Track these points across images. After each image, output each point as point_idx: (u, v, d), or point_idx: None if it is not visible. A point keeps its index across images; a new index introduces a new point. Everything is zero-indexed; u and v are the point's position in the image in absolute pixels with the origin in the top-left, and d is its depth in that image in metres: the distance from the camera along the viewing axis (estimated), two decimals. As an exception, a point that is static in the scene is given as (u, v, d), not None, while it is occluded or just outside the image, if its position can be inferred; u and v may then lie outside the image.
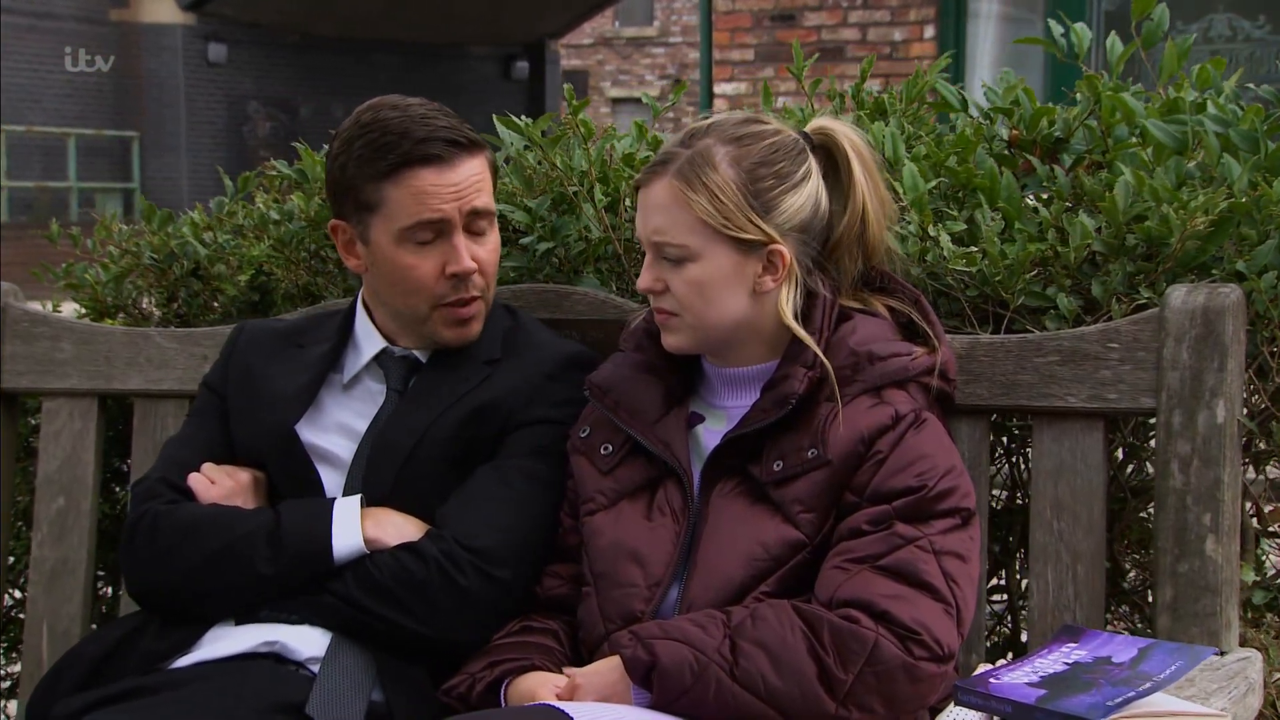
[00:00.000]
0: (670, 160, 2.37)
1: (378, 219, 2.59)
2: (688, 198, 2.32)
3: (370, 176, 2.57)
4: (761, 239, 2.33)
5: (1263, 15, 8.45)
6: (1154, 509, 2.46)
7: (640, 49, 36.97)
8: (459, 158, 2.57)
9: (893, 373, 2.35)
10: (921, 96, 3.08)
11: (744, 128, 2.39)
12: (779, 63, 9.49)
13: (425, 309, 2.62)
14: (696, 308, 2.36)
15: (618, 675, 2.21)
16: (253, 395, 2.70)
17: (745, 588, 2.27)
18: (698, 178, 2.32)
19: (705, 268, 2.34)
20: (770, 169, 2.35)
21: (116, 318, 3.54)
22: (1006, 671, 2.00)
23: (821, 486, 2.28)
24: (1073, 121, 2.87)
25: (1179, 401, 2.41)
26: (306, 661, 2.45)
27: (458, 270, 2.58)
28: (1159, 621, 2.41)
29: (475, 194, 2.59)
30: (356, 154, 2.58)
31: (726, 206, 2.31)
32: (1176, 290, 2.43)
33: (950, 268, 2.63)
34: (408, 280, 2.60)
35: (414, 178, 2.55)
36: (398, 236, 2.58)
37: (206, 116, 25.36)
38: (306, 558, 2.47)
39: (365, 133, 2.58)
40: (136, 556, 2.57)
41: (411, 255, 2.58)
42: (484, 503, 2.51)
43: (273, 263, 3.33)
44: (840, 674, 2.12)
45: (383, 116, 2.59)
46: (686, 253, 2.34)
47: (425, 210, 2.55)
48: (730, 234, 2.32)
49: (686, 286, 2.35)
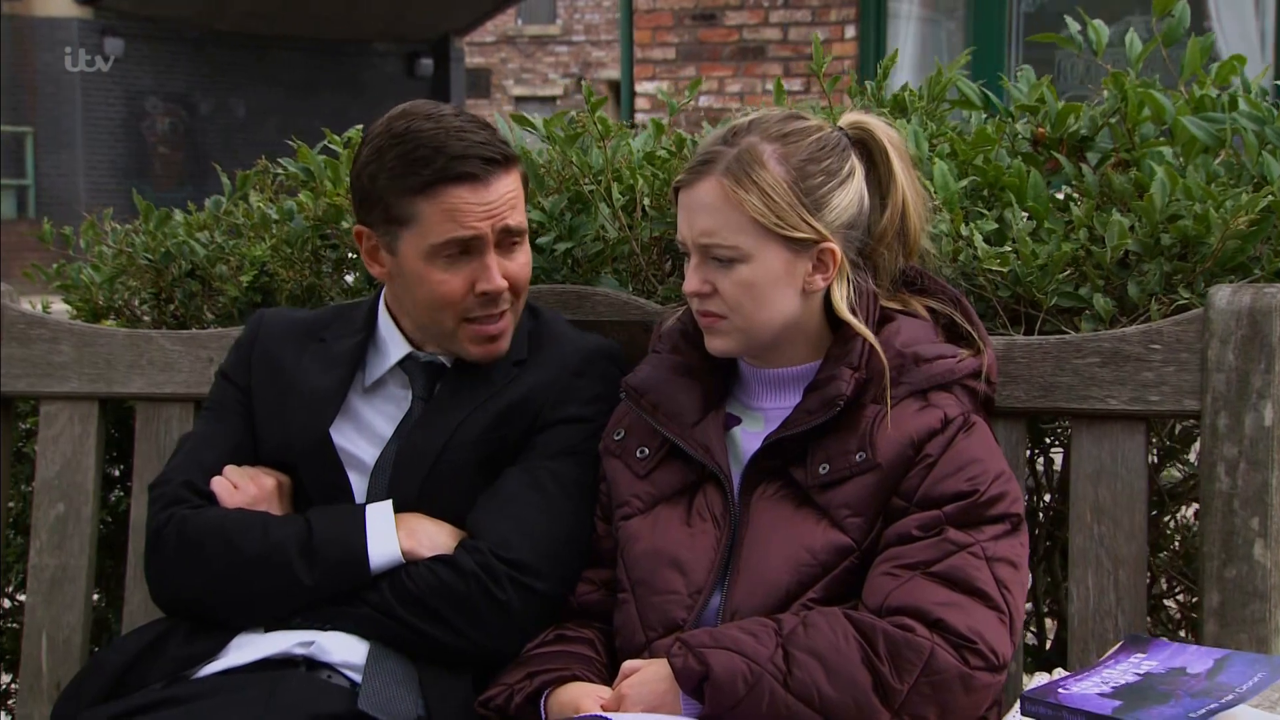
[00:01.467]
0: (715, 159, 2.29)
1: (408, 233, 2.51)
2: (739, 196, 2.25)
3: (402, 191, 2.48)
4: (813, 237, 2.27)
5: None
6: (1199, 513, 2.41)
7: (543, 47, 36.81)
8: (494, 175, 2.49)
9: (939, 375, 2.29)
10: (943, 94, 3.03)
11: (788, 124, 2.32)
12: (701, 61, 9.56)
13: (451, 325, 2.54)
14: (747, 309, 2.29)
15: (666, 685, 2.15)
16: (281, 390, 2.62)
17: (792, 594, 2.21)
18: (747, 176, 2.25)
19: (756, 269, 2.27)
20: (818, 166, 2.29)
21: (109, 319, 3.46)
22: (1074, 681, 1.95)
23: (870, 490, 2.22)
24: (1099, 119, 2.83)
25: (1225, 404, 2.37)
26: (340, 666, 2.39)
27: (488, 289, 2.51)
28: (1205, 627, 2.36)
29: (509, 211, 2.51)
30: (389, 165, 2.48)
31: (779, 205, 2.25)
32: (1221, 290, 2.39)
33: (983, 267, 2.59)
34: (435, 296, 2.52)
35: (448, 195, 2.46)
36: (428, 253, 2.50)
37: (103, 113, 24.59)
38: (342, 568, 2.41)
39: (398, 144, 2.48)
40: (164, 563, 2.49)
41: (441, 271, 2.50)
42: (516, 508, 2.45)
43: (276, 263, 3.26)
44: (895, 684, 2.07)
45: (416, 127, 2.49)
46: (738, 254, 2.26)
47: (458, 228, 2.47)
48: (783, 233, 2.25)
49: (737, 288, 2.28)
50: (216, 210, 3.53)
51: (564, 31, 36.66)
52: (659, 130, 3.08)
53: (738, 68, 9.54)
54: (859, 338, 2.28)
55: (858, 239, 2.35)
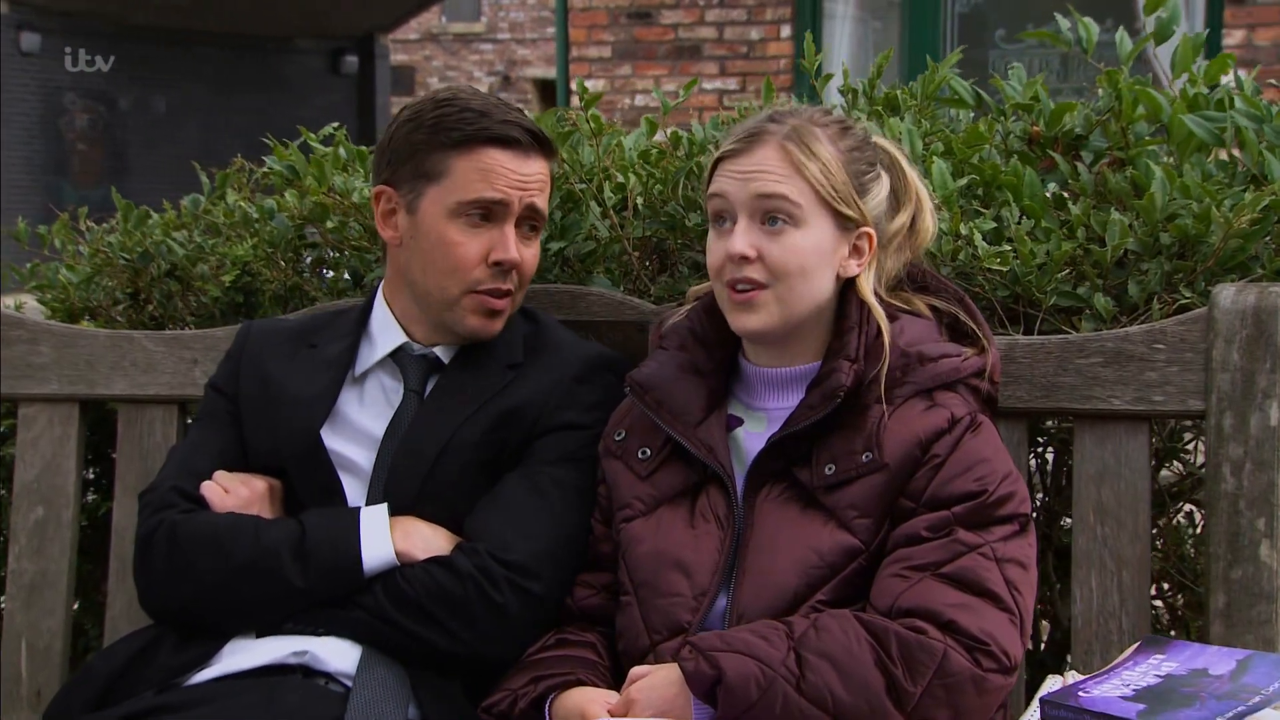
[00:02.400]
0: (769, 131, 2.29)
1: (435, 189, 2.49)
2: (802, 161, 2.25)
3: (440, 145, 2.48)
4: (858, 218, 2.29)
5: (1110, 18, 8.55)
6: (1204, 514, 2.40)
7: (468, 45, 36.22)
8: (533, 152, 2.51)
9: (944, 374, 2.27)
10: (935, 92, 3.01)
11: (829, 116, 2.36)
12: (637, 60, 9.55)
13: (457, 292, 2.51)
14: (791, 279, 2.26)
15: (676, 689, 2.11)
16: (270, 399, 2.58)
17: (800, 596, 2.18)
18: (808, 146, 2.27)
19: (808, 236, 2.26)
20: (862, 155, 2.33)
21: (85, 320, 3.40)
22: (1094, 684, 1.92)
23: (877, 491, 2.19)
24: (1094, 118, 2.81)
25: (1230, 404, 2.35)
26: (336, 674, 2.34)
27: (502, 258, 2.48)
28: (1211, 629, 2.35)
29: (538, 192, 2.52)
30: (428, 123, 2.50)
31: (836, 178, 2.27)
32: (1225, 290, 2.37)
33: (983, 266, 2.57)
34: (449, 258, 2.50)
35: (486, 155, 2.47)
36: (452, 210, 2.48)
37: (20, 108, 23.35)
38: (335, 571, 2.36)
39: (441, 107, 2.51)
40: (153, 569, 2.44)
41: (459, 232, 2.49)
42: (516, 512, 2.41)
43: (258, 263, 3.21)
44: (909, 686, 2.04)
45: (463, 97, 2.52)
46: (798, 213, 2.25)
47: (489, 189, 2.47)
48: (836, 207, 2.26)
49: (786, 253, 2.25)
50: (195, 209, 3.48)
51: (489, 30, 36.11)
52: (652, 128, 3.05)
53: (673, 66, 9.51)
54: (854, 330, 2.27)
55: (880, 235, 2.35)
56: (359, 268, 3.12)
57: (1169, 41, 2.93)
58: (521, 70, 35.60)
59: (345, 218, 3.11)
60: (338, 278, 3.23)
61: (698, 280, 2.89)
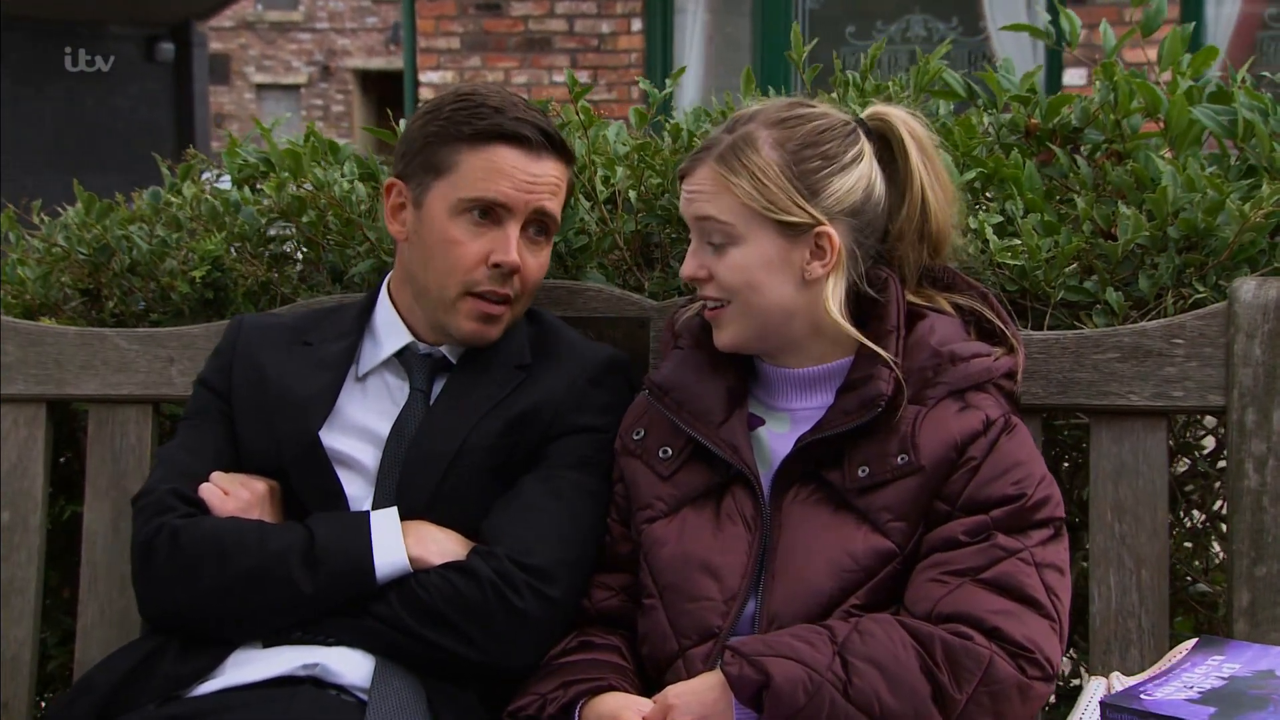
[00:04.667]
0: (713, 146, 2.27)
1: (441, 183, 2.44)
2: (728, 181, 2.22)
3: (451, 137, 2.43)
4: (807, 221, 2.22)
5: (955, 17, 8.61)
6: (1226, 510, 2.37)
7: (285, 34, 35.36)
8: (546, 153, 2.45)
9: (976, 374, 2.23)
10: (929, 85, 2.97)
11: (788, 111, 2.29)
12: (486, 52, 9.46)
13: (454, 293, 2.44)
14: (743, 294, 2.24)
15: (716, 694, 2.06)
16: (266, 398, 2.49)
17: (834, 600, 2.13)
18: (738, 160, 2.23)
19: (748, 252, 2.23)
20: (816, 150, 2.24)
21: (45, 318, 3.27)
22: (1154, 687, 1.89)
23: (912, 494, 2.15)
24: (1091, 110, 2.78)
25: (1252, 399, 2.33)
26: (349, 686, 2.26)
27: (502, 260, 2.42)
28: (1235, 627, 2.32)
29: (549, 196, 2.45)
30: (444, 115, 2.45)
31: (768, 189, 2.21)
32: (1245, 284, 2.35)
33: (995, 260, 2.53)
34: (449, 256, 2.43)
35: (495, 152, 2.41)
36: (455, 206, 2.42)
37: None
38: (346, 577, 2.28)
39: (461, 100, 2.46)
40: (155, 576, 2.34)
41: (461, 230, 2.43)
42: (535, 515, 2.34)
43: (230, 258, 3.10)
44: (955, 693, 2.00)
45: (483, 92, 2.47)
46: (730, 235, 2.23)
47: (493, 188, 2.41)
48: (773, 217, 2.21)
49: (730, 272, 2.24)
50: (157, 202, 3.36)
51: (306, 18, 35.26)
52: (641, 120, 2.98)
53: (523, 59, 9.43)
54: (893, 334, 2.21)
55: (873, 231, 2.29)
56: (338, 263, 3.03)
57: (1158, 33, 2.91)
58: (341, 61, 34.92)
59: (321, 213, 3.02)
60: (294, 278, 3.12)
61: (689, 275, 2.84)
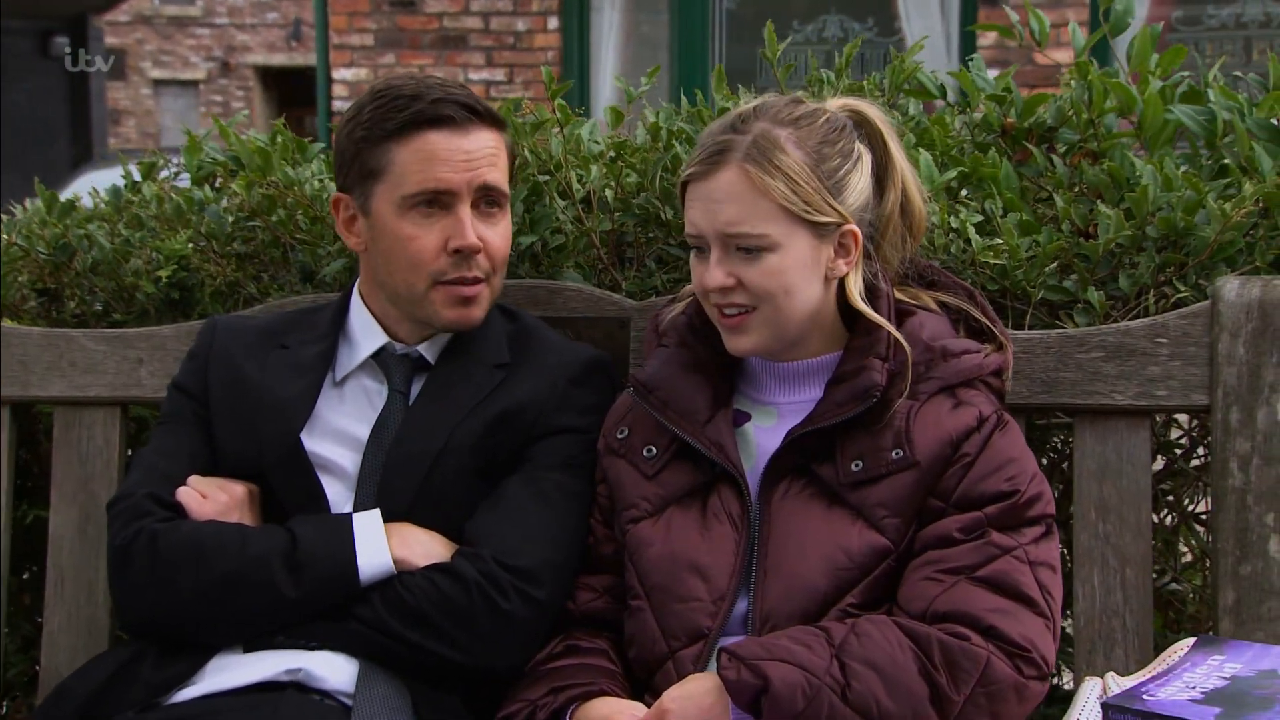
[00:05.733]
0: (729, 147, 2.18)
1: (381, 186, 2.39)
2: (765, 183, 2.15)
3: (378, 138, 2.38)
4: (837, 220, 2.19)
5: (871, 18, 8.66)
6: (1211, 508, 2.38)
7: (183, 29, 34.61)
8: (473, 125, 2.38)
9: (967, 370, 2.22)
10: (903, 84, 2.96)
11: (795, 109, 2.23)
12: (401, 49, 9.35)
13: (423, 287, 2.41)
14: (777, 300, 2.18)
15: (713, 699, 2.03)
16: (244, 400, 2.45)
17: (829, 599, 2.11)
18: (770, 162, 2.15)
19: (785, 257, 2.17)
20: (834, 148, 2.21)
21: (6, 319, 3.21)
22: (1156, 687, 1.88)
23: (908, 490, 2.13)
24: (1066, 110, 2.78)
25: (1236, 398, 2.33)
26: (332, 691, 2.22)
27: (461, 245, 2.38)
28: (1220, 625, 2.32)
29: (488, 167, 2.39)
30: (365, 119, 2.39)
31: (805, 190, 2.15)
32: (1229, 283, 2.36)
33: (977, 259, 2.53)
34: (407, 253, 2.39)
35: (423, 140, 2.36)
36: (400, 204, 2.38)
37: None
38: (330, 580, 2.24)
39: (378, 98, 2.40)
40: (134, 582, 2.29)
41: (413, 226, 2.38)
42: (520, 517, 2.31)
43: (198, 257, 3.05)
44: (953, 695, 1.98)
45: (396, 83, 2.41)
46: (767, 242, 2.16)
47: (431, 177, 2.36)
48: (810, 218, 2.16)
49: (766, 278, 2.17)
50: (118, 200, 3.31)
51: (205, 14, 34.56)
52: (617, 118, 2.96)
53: (439, 56, 9.31)
54: (883, 328, 2.20)
55: (869, 226, 2.26)
56: (309, 263, 2.99)
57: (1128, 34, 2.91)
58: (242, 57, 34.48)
59: (290, 212, 2.98)
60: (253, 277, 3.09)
61: (665, 275, 2.82)
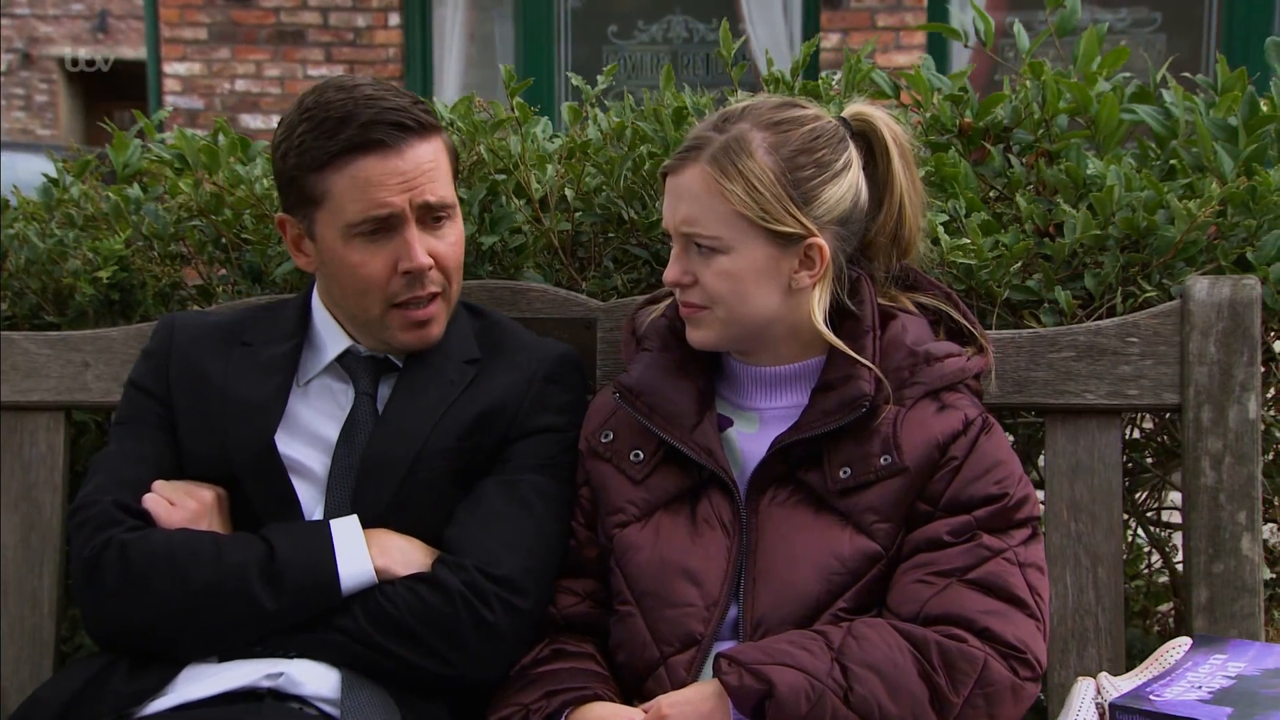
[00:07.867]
0: (703, 146, 2.17)
1: (323, 213, 2.32)
2: (722, 187, 2.14)
3: (312, 166, 2.30)
4: (800, 232, 2.16)
5: (715, 19, 8.73)
6: (1183, 507, 2.39)
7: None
8: (407, 143, 2.30)
9: (950, 374, 2.21)
10: (861, 84, 2.95)
11: (782, 112, 2.21)
12: (236, 44, 9.18)
13: (378, 310, 2.35)
14: (728, 302, 2.17)
15: (712, 704, 2.01)
16: (212, 401, 2.37)
17: (821, 604, 2.10)
18: (733, 165, 2.14)
19: (737, 260, 2.16)
20: (810, 157, 2.18)
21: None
22: (1161, 687, 1.89)
23: (897, 495, 2.12)
24: (1020, 110, 2.79)
25: (1208, 397, 2.35)
26: (311, 698, 2.17)
27: (410, 267, 2.32)
28: (1194, 623, 2.34)
29: (428, 184, 2.32)
30: (298, 143, 2.30)
31: (764, 197, 2.13)
32: (1198, 282, 2.38)
33: (947, 259, 2.53)
34: (357, 279, 2.33)
35: (357, 168, 2.28)
36: (344, 232, 2.31)
37: None
38: (310, 591, 2.18)
39: (307, 118, 2.31)
40: (104, 594, 2.21)
41: (359, 252, 2.32)
42: (500, 524, 2.27)
43: (139, 257, 2.98)
44: (952, 696, 1.98)
45: (326, 99, 2.31)
46: (719, 244, 2.15)
47: (372, 205, 2.28)
48: (767, 226, 2.14)
49: (717, 279, 2.17)
50: (49, 199, 3.22)
51: (5, 3, 34.19)
52: (575, 116, 2.92)
53: (275, 51, 9.15)
54: (869, 334, 2.19)
55: (855, 235, 2.25)
56: (258, 263, 2.92)
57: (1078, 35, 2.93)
58: (44, 49, 33.83)
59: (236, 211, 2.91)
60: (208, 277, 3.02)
61: (624, 275, 2.79)
